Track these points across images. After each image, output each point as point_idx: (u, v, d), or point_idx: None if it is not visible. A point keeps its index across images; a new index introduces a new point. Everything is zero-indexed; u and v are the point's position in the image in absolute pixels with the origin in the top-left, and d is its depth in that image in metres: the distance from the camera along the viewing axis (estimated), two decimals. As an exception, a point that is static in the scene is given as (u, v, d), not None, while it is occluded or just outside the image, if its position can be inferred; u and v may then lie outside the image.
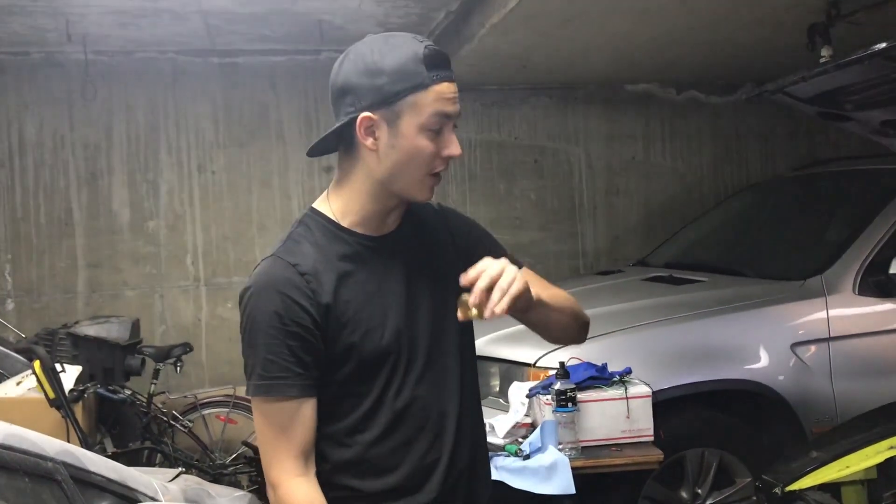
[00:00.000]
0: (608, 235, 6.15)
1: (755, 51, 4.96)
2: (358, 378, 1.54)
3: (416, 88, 1.48)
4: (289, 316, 1.48)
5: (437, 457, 1.59)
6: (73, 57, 5.24)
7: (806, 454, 2.85)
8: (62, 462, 1.55)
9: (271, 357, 1.49)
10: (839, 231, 4.18)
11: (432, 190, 1.57)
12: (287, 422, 1.49)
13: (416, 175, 1.53)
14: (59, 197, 5.40)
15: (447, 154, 1.53)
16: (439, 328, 1.61)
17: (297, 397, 1.49)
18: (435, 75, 1.49)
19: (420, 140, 1.50)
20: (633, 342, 3.56)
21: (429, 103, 1.49)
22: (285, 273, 1.51)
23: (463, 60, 4.84)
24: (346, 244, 1.57)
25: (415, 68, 1.48)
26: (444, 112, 1.50)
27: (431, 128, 1.50)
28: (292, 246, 1.56)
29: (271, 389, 1.49)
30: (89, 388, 4.11)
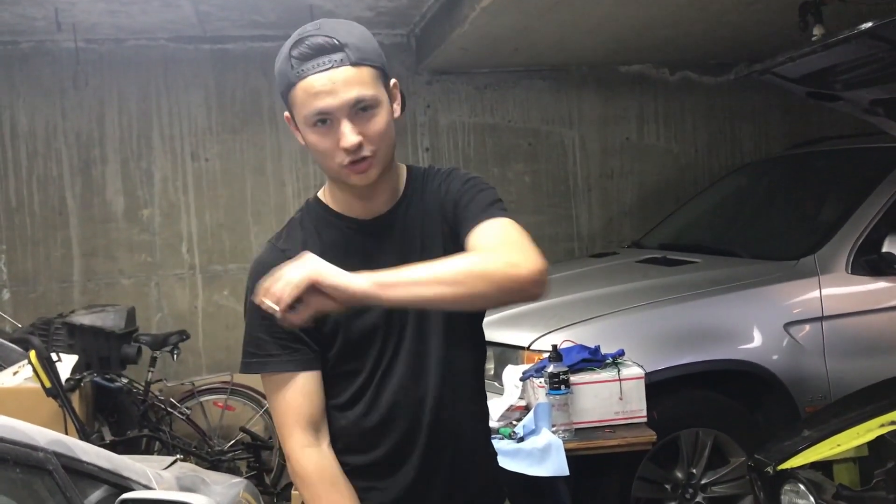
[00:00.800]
0: (603, 218, 6.15)
1: (748, 30, 4.94)
2: (346, 357, 1.59)
3: (289, 88, 1.50)
4: None
5: (413, 439, 1.61)
6: (64, 46, 5.22)
7: (798, 433, 2.86)
8: (53, 452, 1.56)
9: (269, 338, 1.56)
10: (832, 210, 4.19)
11: (362, 175, 1.52)
12: (295, 396, 1.56)
13: (331, 166, 1.53)
14: (53, 186, 5.40)
15: (342, 146, 1.49)
16: (427, 311, 1.60)
17: (301, 370, 1.56)
18: (300, 71, 1.48)
19: (311, 136, 1.51)
20: (626, 324, 3.58)
21: (301, 101, 1.49)
22: (274, 258, 1.56)
23: (454, 43, 4.82)
24: (335, 228, 1.63)
25: (285, 67, 1.50)
26: (316, 107, 1.47)
27: (313, 123, 1.49)
28: (288, 232, 1.65)
29: (275, 365, 1.56)
30: (86, 377, 4.12)
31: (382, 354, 1.60)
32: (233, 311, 5.57)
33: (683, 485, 3.50)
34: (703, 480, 3.51)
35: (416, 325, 1.62)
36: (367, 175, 1.53)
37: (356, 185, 1.55)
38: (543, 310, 3.78)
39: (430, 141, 5.86)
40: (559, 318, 3.59)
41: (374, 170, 1.54)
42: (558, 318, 3.58)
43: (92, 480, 1.71)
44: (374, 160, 1.52)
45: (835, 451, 2.65)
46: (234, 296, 5.58)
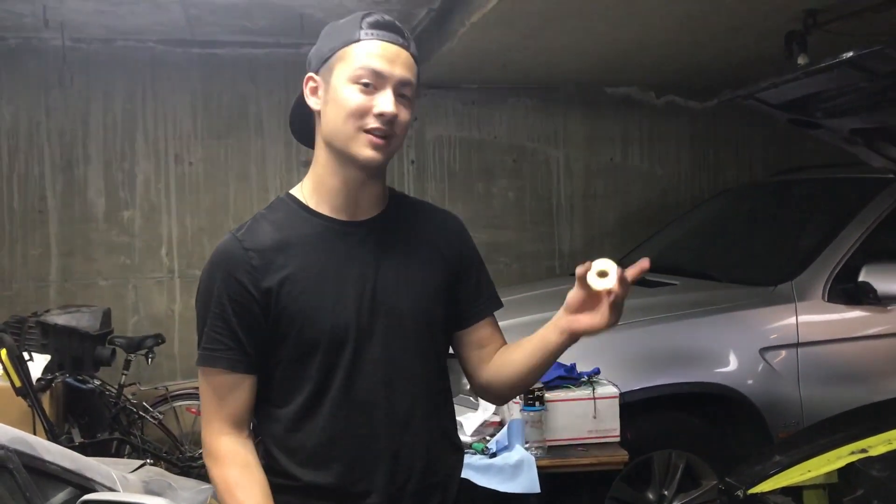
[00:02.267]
0: (584, 237, 6.17)
1: (734, 57, 5.00)
2: (299, 362, 1.54)
3: (346, 43, 1.53)
4: (228, 292, 1.52)
5: (378, 455, 1.55)
6: (51, 43, 5.20)
7: (769, 458, 2.86)
8: (14, 450, 1.54)
9: (210, 330, 1.54)
10: (810, 238, 4.21)
11: (377, 149, 1.52)
12: (220, 391, 1.54)
13: (349, 128, 1.51)
14: (34, 184, 5.35)
15: (378, 111, 1.50)
16: (399, 324, 1.58)
17: (224, 370, 1.53)
18: (368, 33, 1.53)
19: (348, 91, 1.51)
20: (602, 343, 3.51)
21: (357, 56, 1.51)
22: (232, 250, 1.54)
23: (443, 58, 4.84)
24: (308, 225, 1.58)
25: (350, 28, 1.54)
26: (373, 67, 1.50)
27: (359, 80, 1.51)
28: (252, 225, 1.59)
29: (205, 360, 1.54)
30: (58, 377, 4.08)
31: (338, 362, 1.53)
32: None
33: (655, 506, 3.49)
34: (675, 502, 3.51)
35: (387, 338, 1.57)
36: (380, 152, 1.52)
37: (363, 160, 1.53)
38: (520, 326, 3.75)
39: (415, 154, 5.87)
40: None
41: (386, 152, 1.54)
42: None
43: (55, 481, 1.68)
44: (391, 142, 1.53)
45: (805, 476, 2.65)
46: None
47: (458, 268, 1.68)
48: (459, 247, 1.71)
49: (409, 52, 1.55)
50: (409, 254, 1.63)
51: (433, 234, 1.68)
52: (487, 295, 1.73)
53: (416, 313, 1.60)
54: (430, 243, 1.66)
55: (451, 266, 1.67)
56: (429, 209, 1.74)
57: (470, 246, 1.74)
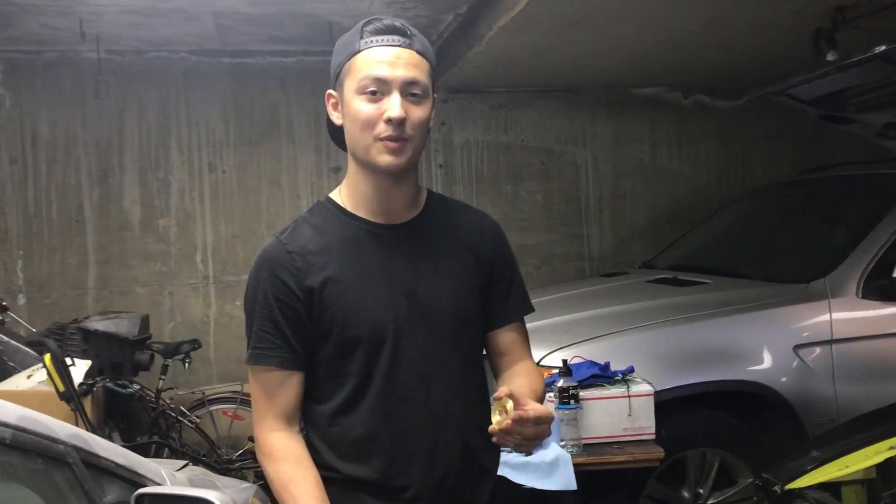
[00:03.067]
0: (614, 238, 6.17)
1: (762, 55, 4.98)
2: (341, 359, 1.59)
3: (350, 55, 1.57)
4: (272, 291, 1.58)
5: (416, 450, 1.60)
6: (86, 56, 5.31)
7: (806, 454, 2.87)
8: (73, 446, 1.59)
9: (258, 329, 1.59)
10: (843, 235, 4.20)
11: (394, 154, 1.55)
12: (271, 389, 1.59)
13: (366, 140, 1.56)
14: (71, 194, 5.47)
15: (385, 116, 1.53)
16: (437, 322, 1.62)
17: (274, 368, 1.58)
18: (368, 41, 1.56)
19: (357, 103, 1.55)
20: (636, 342, 3.59)
21: (359, 67, 1.55)
22: (276, 253, 1.61)
23: (471, 62, 4.88)
24: (347, 227, 1.63)
25: (352, 39, 1.58)
26: (374, 74, 1.53)
27: (365, 90, 1.54)
28: (294, 228, 1.65)
29: (255, 359, 1.60)
30: (98, 382, 4.15)
31: (378, 359, 1.58)
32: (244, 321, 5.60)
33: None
34: (710, 501, 3.51)
35: (426, 337, 1.61)
36: (398, 156, 1.56)
37: (383, 167, 1.57)
38: (554, 326, 3.81)
39: (443, 158, 5.92)
40: (570, 334, 3.61)
41: (405, 155, 1.57)
42: (569, 335, 3.60)
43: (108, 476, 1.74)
44: (408, 144, 1.56)
45: (843, 472, 2.66)
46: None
47: (492, 269, 1.72)
48: (495, 248, 1.74)
49: (412, 49, 1.57)
50: (445, 255, 1.67)
51: (470, 236, 1.71)
52: (517, 299, 1.76)
53: (452, 312, 1.64)
54: (467, 244, 1.70)
55: (485, 267, 1.71)
56: (466, 210, 1.78)
57: (506, 248, 1.77)
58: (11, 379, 4.13)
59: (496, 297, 1.72)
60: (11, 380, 4.12)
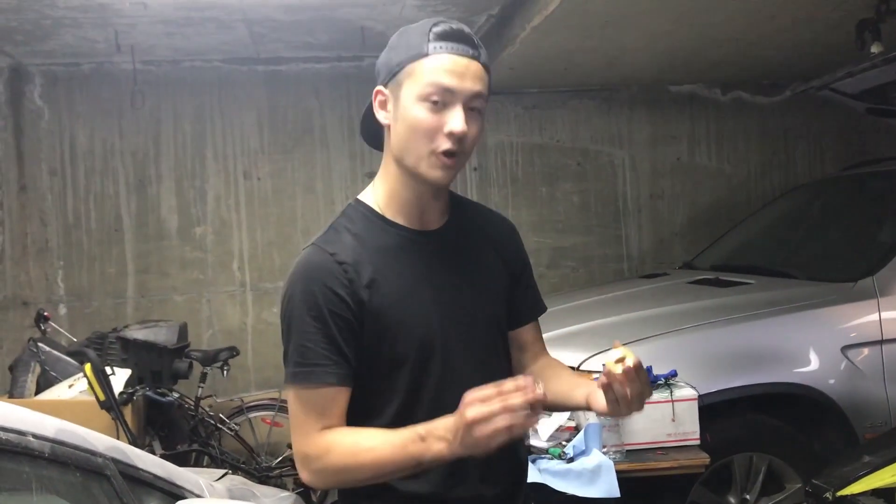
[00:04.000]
0: (653, 238, 6.09)
1: (802, 49, 4.87)
2: (390, 373, 1.53)
3: (415, 58, 1.48)
4: (326, 304, 1.48)
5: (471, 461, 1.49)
6: (122, 67, 5.36)
7: (858, 458, 2.78)
8: (111, 458, 1.58)
9: (309, 345, 1.48)
10: (891, 231, 4.09)
11: (446, 170, 1.50)
12: (322, 406, 1.49)
13: (420, 149, 1.49)
14: (110, 204, 5.52)
15: (448, 130, 1.46)
16: (475, 330, 1.60)
17: (333, 384, 1.48)
18: (438, 46, 1.47)
19: (417, 110, 1.47)
20: (679, 345, 3.52)
21: (425, 72, 1.46)
22: (323, 262, 1.51)
23: (504, 63, 4.84)
24: (387, 235, 1.57)
25: (419, 40, 1.49)
26: (442, 83, 1.45)
27: (428, 98, 1.46)
28: (333, 236, 1.56)
29: (309, 377, 1.48)
30: (138, 390, 4.19)
31: (428, 371, 1.54)
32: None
33: (737, 511, 3.42)
34: (758, 506, 3.43)
35: (466, 345, 1.58)
36: (449, 172, 1.51)
37: (432, 180, 1.51)
38: (593, 330, 3.75)
39: (478, 160, 5.88)
40: (610, 338, 3.53)
41: (451, 173, 1.52)
42: (609, 339, 3.52)
43: (147, 488, 1.73)
44: (461, 160, 1.51)
45: (897, 477, 2.57)
46: (283, 313, 5.63)
47: (515, 270, 1.73)
48: (516, 250, 1.76)
49: (479, 62, 1.50)
50: (477, 260, 1.66)
51: (494, 239, 1.72)
52: (534, 299, 1.79)
53: (489, 319, 1.64)
54: (493, 248, 1.70)
55: (510, 269, 1.72)
56: (486, 213, 1.78)
57: (523, 249, 1.79)
58: (53, 389, 4.18)
59: (518, 297, 1.74)
60: (53, 389, 4.17)
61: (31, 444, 1.37)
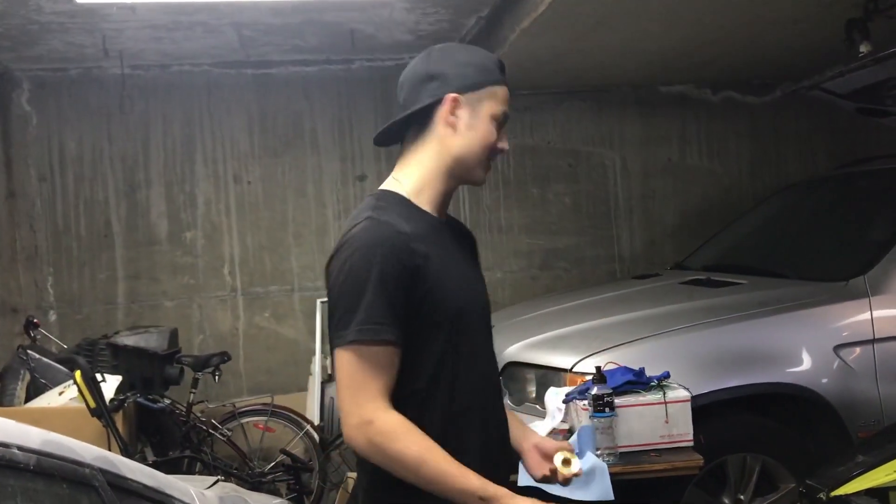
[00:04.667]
0: (645, 239, 6.09)
1: (792, 49, 4.88)
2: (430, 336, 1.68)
3: (496, 83, 1.78)
4: (391, 270, 1.62)
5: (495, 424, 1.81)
6: (111, 72, 5.34)
7: (852, 458, 2.78)
8: (99, 468, 1.56)
9: (375, 305, 1.61)
10: (882, 230, 4.08)
11: (486, 174, 1.82)
12: (380, 365, 1.61)
13: (481, 155, 1.78)
14: (99, 209, 5.49)
15: (501, 146, 1.79)
16: (485, 310, 1.86)
17: (393, 343, 1.62)
18: (504, 79, 1.81)
19: (490, 126, 1.77)
20: (671, 346, 3.51)
21: (502, 98, 1.79)
22: (387, 232, 1.66)
23: (494, 66, 4.82)
24: (424, 219, 1.75)
25: (493, 67, 1.79)
26: (507, 112, 1.80)
27: (498, 119, 1.78)
28: (383, 213, 1.70)
29: (377, 332, 1.60)
30: (129, 397, 4.16)
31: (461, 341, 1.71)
32: (273, 332, 5.61)
33: (731, 511, 3.41)
34: (752, 507, 3.42)
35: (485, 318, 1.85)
36: (486, 177, 1.84)
37: (478, 181, 1.82)
38: (586, 332, 3.74)
39: (469, 163, 5.86)
40: (602, 339, 3.54)
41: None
42: (601, 340, 3.53)
43: (136, 498, 1.71)
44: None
45: (891, 477, 2.57)
46: (274, 318, 5.62)
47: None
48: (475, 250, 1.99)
49: None
50: (472, 253, 1.94)
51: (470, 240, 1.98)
52: None
53: (487, 304, 1.89)
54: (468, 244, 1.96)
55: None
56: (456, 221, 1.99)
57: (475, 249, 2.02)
58: (43, 396, 4.16)
59: None
60: (43, 397, 4.15)
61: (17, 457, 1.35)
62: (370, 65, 5.65)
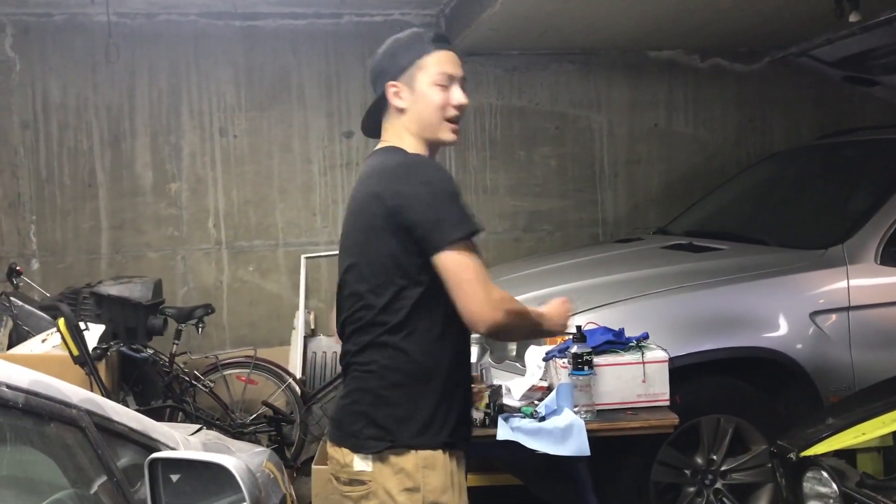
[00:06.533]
0: (629, 203, 6.12)
1: (781, 17, 4.88)
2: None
3: (422, 54, 2.04)
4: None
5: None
6: (96, 19, 5.27)
7: (822, 421, 2.84)
8: (86, 410, 1.58)
9: (464, 207, 1.97)
10: (862, 200, 4.14)
11: (454, 132, 2.07)
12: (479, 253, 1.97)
13: (437, 119, 2.05)
14: (83, 159, 5.45)
15: (456, 102, 2.04)
16: None
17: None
18: (436, 46, 2.06)
19: (432, 92, 2.03)
20: (650, 309, 3.56)
21: (433, 64, 2.04)
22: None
23: (484, 24, 4.81)
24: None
25: (420, 43, 2.06)
26: (446, 71, 2.04)
27: (438, 83, 2.03)
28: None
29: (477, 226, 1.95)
30: (112, 346, 4.17)
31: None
32: (257, 287, 5.62)
33: (703, 471, 3.49)
34: (724, 467, 3.50)
35: None
36: (457, 135, 2.09)
37: (449, 142, 2.09)
38: (567, 293, 3.74)
39: (456, 122, 5.84)
40: (583, 300, 3.58)
41: (459, 135, 2.09)
42: (583, 301, 3.57)
43: (122, 440, 1.74)
44: (460, 126, 2.08)
45: (859, 439, 2.63)
46: (258, 272, 5.63)
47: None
48: None
49: (456, 54, 2.10)
50: None
51: None
52: None
53: None
54: None
55: None
56: None
57: None
58: (26, 343, 4.16)
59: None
60: (26, 344, 4.15)
61: (5, 395, 1.37)
62: (359, 20, 5.59)
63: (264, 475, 2.30)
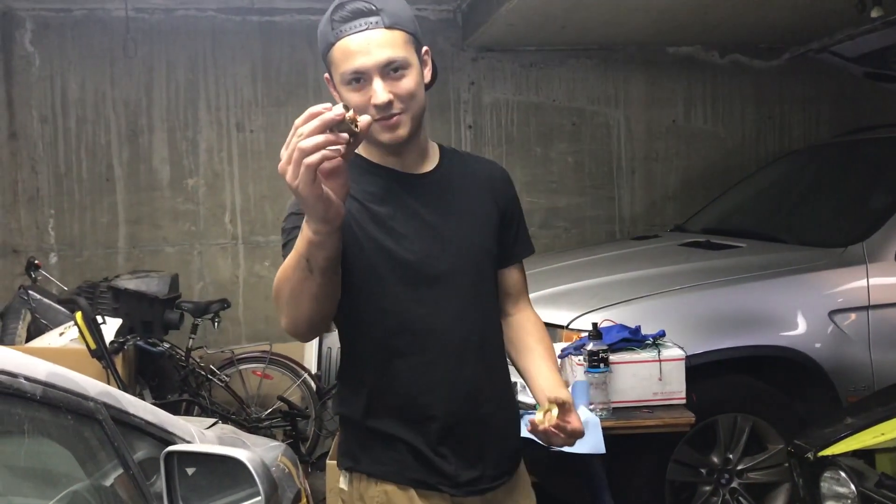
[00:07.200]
0: (646, 200, 6.09)
1: (802, 13, 4.84)
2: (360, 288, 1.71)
3: (329, 48, 1.60)
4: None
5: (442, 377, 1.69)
6: (115, 14, 5.29)
7: (840, 420, 2.82)
8: (103, 403, 1.59)
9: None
10: (882, 198, 4.09)
11: (393, 129, 1.61)
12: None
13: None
14: (101, 153, 5.48)
15: (373, 102, 1.57)
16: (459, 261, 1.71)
17: None
18: (339, 31, 1.57)
19: (346, 93, 1.59)
20: (668, 306, 3.54)
21: (338, 60, 1.58)
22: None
23: (502, 19, 4.79)
24: (376, 176, 1.70)
25: (326, 29, 1.60)
26: (351, 69, 1.56)
27: (349, 83, 1.58)
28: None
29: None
30: (129, 340, 4.20)
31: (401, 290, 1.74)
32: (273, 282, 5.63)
33: (719, 470, 3.47)
34: (740, 466, 3.48)
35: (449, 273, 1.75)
36: (396, 132, 1.62)
37: (387, 142, 1.63)
38: (584, 290, 3.77)
39: (472, 118, 5.84)
40: (599, 297, 3.57)
41: (404, 128, 1.62)
42: (599, 298, 3.56)
43: (138, 433, 1.74)
44: (402, 117, 1.61)
45: (878, 439, 2.61)
46: (275, 267, 5.63)
47: (506, 212, 1.84)
48: (508, 192, 1.87)
49: (381, 27, 1.57)
50: (468, 198, 1.77)
51: (487, 181, 1.83)
52: (523, 240, 1.90)
53: (476, 248, 1.75)
54: (484, 189, 1.81)
55: (501, 209, 1.82)
56: (477, 159, 1.90)
57: (514, 192, 1.90)
58: (44, 336, 4.19)
59: (507, 238, 1.84)
60: (44, 337, 4.18)
61: (24, 386, 1.38)
62: (376, 16, 5.58)
63: (279, 469, 2.30)
